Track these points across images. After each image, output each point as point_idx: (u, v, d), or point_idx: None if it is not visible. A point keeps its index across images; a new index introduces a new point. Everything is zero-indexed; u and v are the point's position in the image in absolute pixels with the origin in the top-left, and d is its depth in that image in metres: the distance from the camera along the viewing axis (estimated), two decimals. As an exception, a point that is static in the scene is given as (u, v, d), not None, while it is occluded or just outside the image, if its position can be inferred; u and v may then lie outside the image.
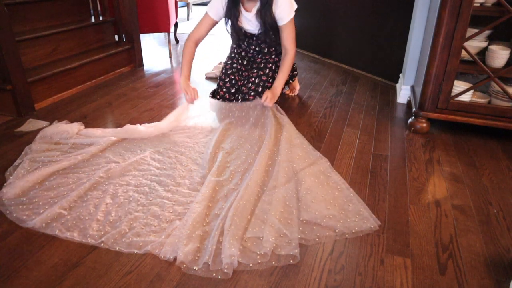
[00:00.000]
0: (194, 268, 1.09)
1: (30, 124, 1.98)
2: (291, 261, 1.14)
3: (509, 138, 1.96)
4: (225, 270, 1.08)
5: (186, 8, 5.69)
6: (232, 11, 2.07)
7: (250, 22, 2.10)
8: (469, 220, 1.35)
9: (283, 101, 2.38)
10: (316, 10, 3.33)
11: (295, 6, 2.06)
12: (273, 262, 1.13)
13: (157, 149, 1.73)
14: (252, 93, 2.16)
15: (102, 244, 1.18)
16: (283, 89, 2.17)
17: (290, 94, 2.50)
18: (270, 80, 2.20)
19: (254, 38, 2.21)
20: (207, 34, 2.17)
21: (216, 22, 2.15)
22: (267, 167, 1.56)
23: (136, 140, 1.79)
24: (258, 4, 2.00)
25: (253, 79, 2.17)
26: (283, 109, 2.09)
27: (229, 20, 2.12)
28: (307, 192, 1.40)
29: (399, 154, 1.79)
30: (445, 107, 1.90)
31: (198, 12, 6.03)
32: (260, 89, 2.16)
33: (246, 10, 2.07)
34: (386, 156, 1.77)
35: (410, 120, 2.03)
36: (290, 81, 2.44)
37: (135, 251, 1.16)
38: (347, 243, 1.23)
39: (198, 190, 1.42)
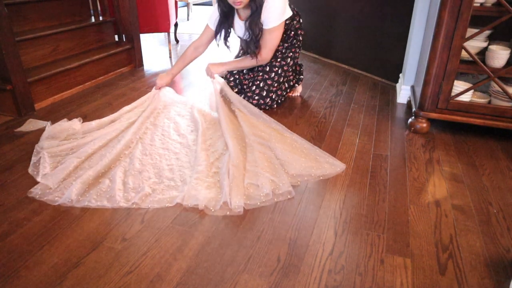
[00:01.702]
0: (212, 209, 1.35)
1: (30, 124, 1.98)
2: (288, 196, 1.44)
3: (509, 138, 1.96)
4: (237, 210, 1.35)
5: (186, 8, 5.69)
6: (229, 21, 2.10)
7: (241, 29, 2.11)
8: (469, 220, 1.35)
9: (284, 101, 2.38)
10: (316, 10, 3.33)
11: (286, 15, 2.01)
12: (275, 199, 1.42)
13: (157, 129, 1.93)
14: (256, 97, 2.16)
15: (134, 205, 1.37)
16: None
17: (292, 95, 2.50)
18: (276, 85, 2.20)
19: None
20: (207, 43, 2.23)
21: (215, 33, 2.18)
22: (239, 141, 1.77)
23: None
24: (249, 12, 1.99)
25: (258, 82, 2.17)
26: (283, 109, 2.09)
27: (222, 32, 2.15)
28: (283, 153, 1.66)
29: (399, 154, 1.79)
30: (445, 107, 1.90)
31: (198, 12, 6.03)
32: (264, 93, 2.16)
33: (240, 19, 2.07)
34: (386, 156, 1.77)
35: (410, 120, 2.03)
36: (296, 84, 2.44)
37: (167, 205, 1.38)
38: (347, 243, 1.23)
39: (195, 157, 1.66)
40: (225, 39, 2.18)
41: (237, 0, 1.88)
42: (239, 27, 2.12)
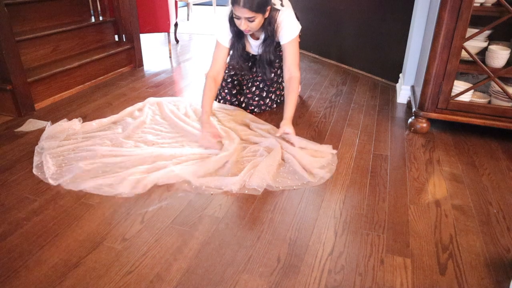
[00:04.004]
0: (234, 191, 1.47)
1: (30, 124, 1.98)
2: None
3: (509, 138, 1.96)
4: (258, 189, 1.47)
5: (186, 8, 5.69)
6: (242, 40, 1.94)
7: (256, 48, 2.04)
8: (469, 220, 1.35)
9: (283, 100, 2.38)
10: (316, 10, 3.33)
11: (299, 27, 1.90)
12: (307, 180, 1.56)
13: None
14: (256, 98, 2.15)
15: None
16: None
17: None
18: (275, 85, 2.20)
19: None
20: (224, 68, 1.97)
21: (230, 50, 1.96)
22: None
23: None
24: (262, 33, 1.90)
25: (258, 83, 2.16)
26: (283, 110, 2.08)
27: (235, 51, 1.96)
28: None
29: (399, 154, 1.79)
30: (445, 107, 1.90)
31: (198, 12, 6.03)
32: (264, 94, 2.16)
33: (253, 38, 1.99)
34: (386, 156, 1.77)
35: (410, 120, 2.03)
36: None
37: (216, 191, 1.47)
38: (347, 243, 1.23)
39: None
40: (241, 56, 1.99)
41: (245, 29, 1.74)
42: (253, 46, 2.04)
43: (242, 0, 1.64)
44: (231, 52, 1.97)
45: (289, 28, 1.84)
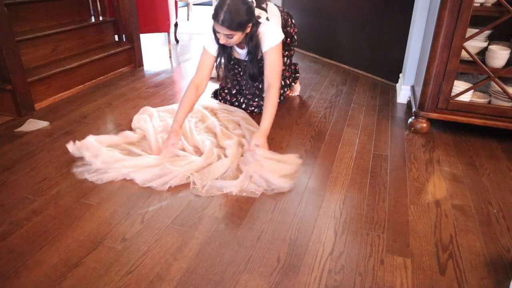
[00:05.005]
0: (234, 193, 1.47)
1: (30, 124, 1.98)
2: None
3: (509, 138, 1.96)
4: (256, 192, 1.46)
5: (186, 8, 5.69)
6: (228, 49, 1.89)
7: (242, 55, 2.00)
8: (469, 220, 1.35)
9: (283, 101, 2.38)
10: (316, 10, 3.33)
11: (281, 36, 1.82)
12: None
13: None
14: (256, 99, 2.15)
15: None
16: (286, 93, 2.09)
17: (291, 94, 2.50)
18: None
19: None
20: (208, 74, 1.87)
21: (216, 58, 1.90)
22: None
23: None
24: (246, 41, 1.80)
25: (257, 83, 2.16)
26: (283, 109, 2.09)
27: (221, 59, 1.91)
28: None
29: (399, 154, 1.79)
30: (445, 107, 1.90)
31: (198, 12, 6.03)
32: (264, 94, 2.15)
33: (240, 47, 1.94)
34: (386, 156, 1.77)
35: (410, 120, 2.03)
36: (293, 83, 2.44)
37: (216, 193, 1.47)
38: (347, 243, 1.23)
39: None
40: (226, 67, 1.96)
41: (225, 43, 1.71)
42: (241, 54, 2.00)
43: (221, 18, 1.58)
44: (218, 60, 1.89)
45: (269, 36, 1.76)
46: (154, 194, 1.46)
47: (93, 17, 2.92)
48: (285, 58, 2.23)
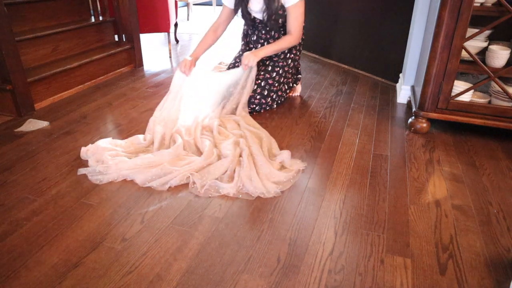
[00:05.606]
0: (231, 194, 1.46)
1: (30, 124, 1.98)
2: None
3: (509, 138, 1.96)
4: (252, 194, 1.46)
5: (186, 8, 5.69)
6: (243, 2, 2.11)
7: (259, 4, 2.12)
8: (469, 220, 1.35)
9: (284, 101, 2.38)
10: (316, 10, 3.33)
11: None
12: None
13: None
14: (258, 96, 2.16)
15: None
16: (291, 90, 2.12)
17: (291, 94, 2.50)
18: (276, 84, 2.20)
19: (263, 32, 2.22)
20: (226, 23, 2.26)
21: (233, 11, 2.21)
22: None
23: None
24: None
25: (259, 81, 2.17)
26: (283, 109, 2.09)
27: (239, 9, 2.17)
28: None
29: (399, 154, 1.79)
30: (445, 107, 1.89)
31: (198, 12, 6.03)
32: (266, 92, 2.16)
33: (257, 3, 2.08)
34: (386, 156, 1.77)
35: (410, 120, 2.03)
36: (294, 84, 2.44)
37: (214, 194, 1.47)
38: (347, 243, 1.23)
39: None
40: (244, 16, 2.20)
41: None
42: (256, 3, 2.13)
43: None
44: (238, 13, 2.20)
45: None
46: (154, 194, 1.46)
47: (93, 17, 2.92)
48: (290, 61, 2.24)
